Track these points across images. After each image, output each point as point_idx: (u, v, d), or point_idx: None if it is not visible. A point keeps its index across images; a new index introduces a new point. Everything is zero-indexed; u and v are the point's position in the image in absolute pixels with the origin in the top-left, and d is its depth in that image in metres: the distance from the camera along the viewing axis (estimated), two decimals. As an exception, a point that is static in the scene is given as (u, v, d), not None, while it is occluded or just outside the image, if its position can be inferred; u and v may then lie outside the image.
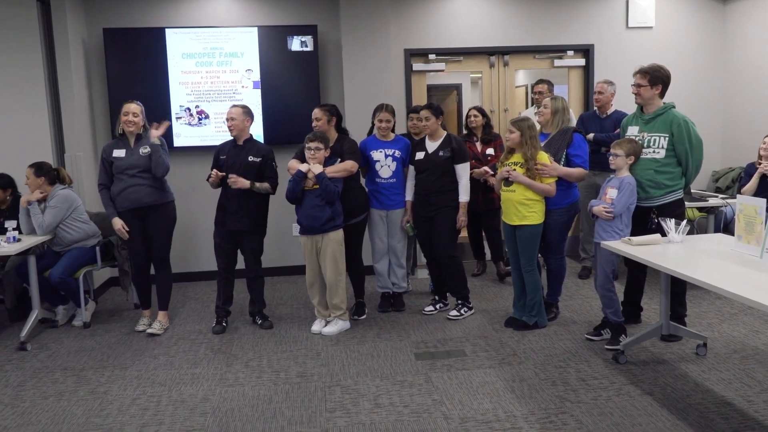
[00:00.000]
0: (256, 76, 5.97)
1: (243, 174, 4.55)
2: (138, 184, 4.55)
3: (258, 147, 4.70)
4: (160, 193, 4.66)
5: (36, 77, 5.48)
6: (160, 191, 4.65)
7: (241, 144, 4.65)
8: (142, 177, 4.56)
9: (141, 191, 4.56)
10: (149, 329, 4.74)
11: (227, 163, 4.60)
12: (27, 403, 3.62)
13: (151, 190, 4.59)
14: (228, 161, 4.60)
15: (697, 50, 6.61)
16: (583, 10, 6.43)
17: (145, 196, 4.58)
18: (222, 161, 4.62)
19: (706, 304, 4.91)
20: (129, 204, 4.57)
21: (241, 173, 4.54)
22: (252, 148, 4.66)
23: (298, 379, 3.83)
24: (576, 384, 3.60)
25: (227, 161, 4.60)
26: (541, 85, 5.83)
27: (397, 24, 6.22)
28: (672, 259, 3.40)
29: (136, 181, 4.55)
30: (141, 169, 4.55)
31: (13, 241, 4.52)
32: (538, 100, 5.82)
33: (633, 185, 3.98)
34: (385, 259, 4.99)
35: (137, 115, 4.58)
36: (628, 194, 3.95)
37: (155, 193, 4.62)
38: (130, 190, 4.55)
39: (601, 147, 5.29)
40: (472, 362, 3.98)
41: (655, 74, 4.07)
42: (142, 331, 4.77)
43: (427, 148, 4.74)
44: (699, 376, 3.65)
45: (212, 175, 4.58)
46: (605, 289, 4.11)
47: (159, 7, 5.95)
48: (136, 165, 4.55)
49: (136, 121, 4.57)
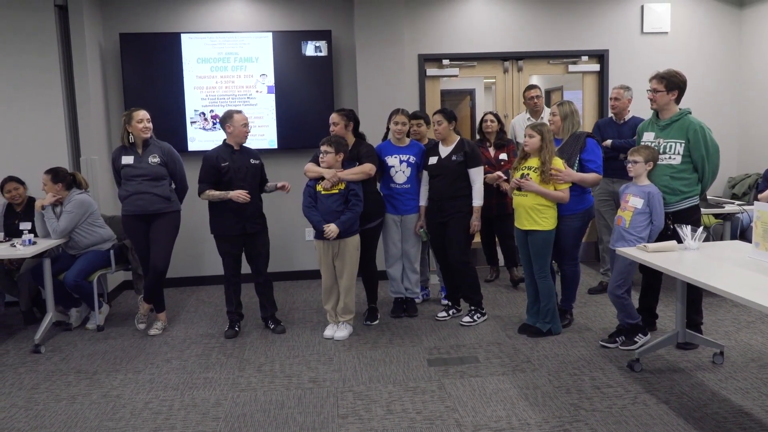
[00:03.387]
0: (270, 81, 5.99)
1: (249, 176, 4.63)
2: (145, 192, 4.60)
3: (252, 151, 4.78)
4: (167, 202, 4.70)
5: (53, 81, 5.54)
6: (166, 200, 4.70)
7: (239, 149, 4.64)
8: (151, 185, 4.61)
9: (147, 199, 4.62)
10: (152, 331, 4.80)
11: (232, 169, 4.57)
12: (41, 405, 3.63)
13: (158, 198, 4.65)
14: (232, 166, 4.57)
15: (713, 55, 6.56)
16: (597, 15, 6.40)
17: (150, 204, 4.63)
18: (225, 167, 4.55)
19: (723, 312, 4.86)
20: (135, 210, 4.63)
21: (248, 176, 4.62)
22: (249, 153, 4.73)
23: (311, 384, 3.82)
24: (590, 392, 3.57)
25: (232, 167, 4.57)
26: (534, 90, 5.81)
27: (411, 29, 6.22)
28: (688, 266, 3.36)
29: (144, 188, 4.60)
30: (150, 177, 4.61)
31: (29, 244, 4.55)
32: (532, 105, 5.81)
33: (660, 195, 3.95)
34: (398, 264, 4.97)
35: (150, 121, 4.64)
36: (661, 206, 3.94)
37: (161, 202, 4.67)
38: (137, 197, 4.61)
39: (620, 154, 5.18)
40: (485, 369, 3.95)
41: (671, 80, 4.04)
42: (154, 335, 4.79)
43: (440, 152, 4.73)
44: (716, 385, 3.60)
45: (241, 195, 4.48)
46: (615, 295, 4.08)
47: (175, 13, 5.99)
48: (146, 173, 4.60)
49: (150, 126, 4.64)
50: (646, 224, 3.94)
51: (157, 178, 4.63)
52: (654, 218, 3.94)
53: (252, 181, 4.64)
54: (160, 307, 4.92)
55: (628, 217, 3.98)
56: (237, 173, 4.58)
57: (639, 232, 3.93)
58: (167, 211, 4.70)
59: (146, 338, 4.73)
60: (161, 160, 4.66)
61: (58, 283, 4.81)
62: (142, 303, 4.94)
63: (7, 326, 5.13)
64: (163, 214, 4.68)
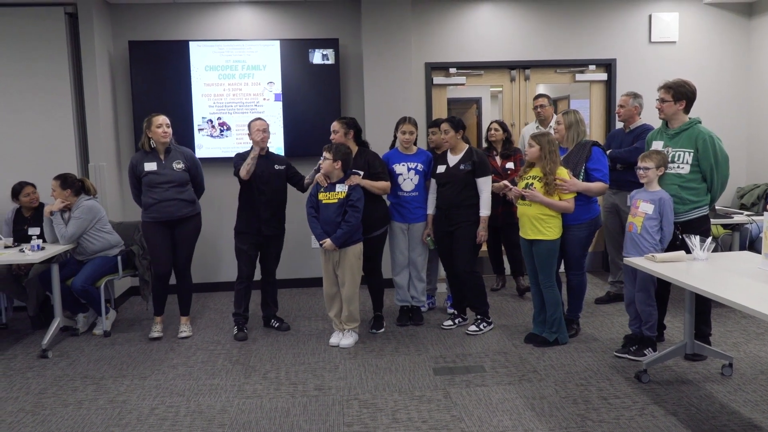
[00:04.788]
0: (277, 89, 6.01)
1: (273, 182, 4.75)
2: (173, 198, 4.65)
3: (277, 157, 4.91)
4: (192, 206, 4.78)
5: (62, 88, 5.59)
6: (191, 204, 4.77)
7: (265, 155, 4.74)
8: (177, 191, 4.66)
9: (175, 205, 4.67)
10: (182, 334, 4.85)
11: (256, 173, 4.67)
12: (47, 410, 3.64)
13: (184, 204, 4.72)
14: (256, 171, 4.66)
15: (721, 65, 6.55)
16: (605, 24, 6.41)
17: (178, 210, 4.69)
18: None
19: (732, 323, 4.83)
20: (162, 217, 4.66)
21: (272, 181, 4.74)
22: (274, 159, 4.84)
23: (316, 392, 3.81)
24: (597, 402, 3.55)
25: (256, 171, 4.66)
26: (541, 98, 5.79)
27: (418, 38, 6.23)
28: (697, 277, 3.34)
29: (170, 195, 4.65)
30: (176, 183, 4.65)
31: (37, 250, 4.57)
32: (538, 114, 5.80)
33: (671, 200, 3.93)
34: (405, 272, 4.97)
35: (169, 125, 4.69)
36: (671, 212, 3.93)
37: (187, 206, 4.74)
38: (165, 204, 4.65)
39: (617, 164, 5.05)
40: (491, 378, 3.93)
41: (679, 89, 4.03)
42: (156, 338, 4.81)
43: (448, 161, 4.73)
44: (725, 397, 3.57)
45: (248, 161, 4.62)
46: (646, 304, 4.05)
47: (183, 21, 6.03)
48: (171, 179, 4.64)
49: (170, 131, 4.68)
50: (657, 230, 3.92)
51: (182, 183, 4.70)
52: (664, 224, 3.92)
53: (275, 186, 4.77)
54: (187, 311, 5.00)
55: (639, 223, 3.96)
56: (260, 178, 4.68)
57: (652, 237, 3.91)
58: (192, 215, 4.79)
59: (152, 344, 4.74)
60: (185, 165, 4.71)
61: (66, 289, 4.83)
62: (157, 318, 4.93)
63: (15, 331, 5.15)
64: (188, 218, 4.76)
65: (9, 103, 5.56)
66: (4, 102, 5.56)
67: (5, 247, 4.78)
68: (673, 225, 3.94)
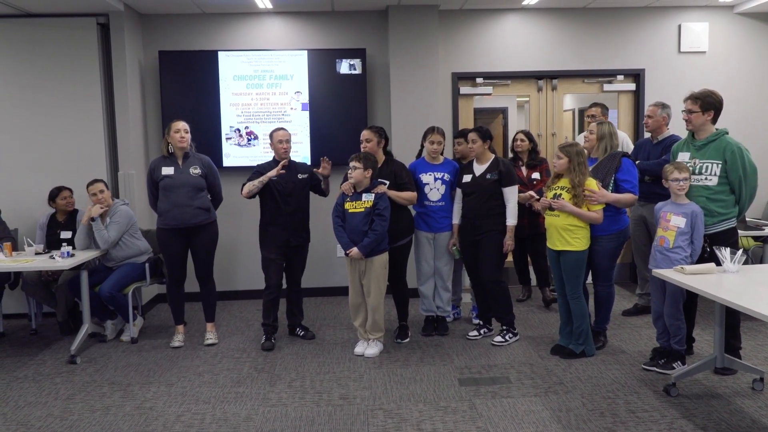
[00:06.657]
0: (305, 99, 6.05)
1: (297, 191, 4.76)
2: (187, 205, 4.66)
3: (300, 166, 4.93)
4: (207, 213, 4.78)
5: (94, 96, 5.69)
6: (206, 211, 4.77)
7: (287, 164, 4.75)
8: (191, 196, 4.67)
9: (189, 212, 4.68)
10: (207, 341, 4.88)
11: (280, 182, 4.69)
12: (75, 416, 3.68)
13: (199, 211, 4.72)
14: (280, 180, 4.69)
15: (752, 75, 6.45)
16: (634, 34, 6.36)
17: (192, 217, 4.69)
18: (273, 180, 4.69)
19: (763, 337, 4.73)
20: (177, 223, 4.68)
21: (296, 191, 4.76)
22: (297, 167, 4.85)
23: (341, 401, 3.81)
24: (625, 416, 3.50)
25: (280, 180, 4.69)
26: (594, 108, 5.68)
27: (445, 48, 6.24)
28: (728, 290, 3.29)
29: (185, 201, 4.66)
30: (191, 188, 4.66)
31: (67, 257, 4.64)
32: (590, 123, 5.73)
33: (702, 213, 3.88)
34: (430, 281, 4.96)
35: (188, 131, 4.72)
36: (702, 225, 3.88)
37: (202, 214, 4.74)
38: (179, 211, 4.66)
39: (645, 176, 4.92)
40: (517, 390, 3.90)
41: (706, 100, 3.97)
42: (177, 347, 4.84)
43: (474, 171, 4.72)
44: (756, 412, 3.50)
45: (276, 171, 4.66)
46: (674, 318, 3.99)
47: (212, 31, 6.11)
48: (187, 184, 4.66)
49: (187, 137, 4.71)
50: (688, 243, 3.87)
51: (197, 189, 4.71)
52: (695, 238, 3.86)
53: (299, 195, 4.79)
54: (212, 317, 5.04)
55: (671, 237, 3.89)
56: (285, 186, 4.70)
57: (684, 251, 3.86)
58: (207, 223, 4.79)
59: (179, 351, 4.78)
60: (202, 171, 4.74)
61: (95, 295, 4.89)
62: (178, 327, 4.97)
63: (45, 337, 5.23)
64: (203, 226, 4.76)
65: (42, 110, 5.67)
66: (38, 108, 5.67)
67: (36, 254, 4.85)
68: (702, 238, 3.89)
